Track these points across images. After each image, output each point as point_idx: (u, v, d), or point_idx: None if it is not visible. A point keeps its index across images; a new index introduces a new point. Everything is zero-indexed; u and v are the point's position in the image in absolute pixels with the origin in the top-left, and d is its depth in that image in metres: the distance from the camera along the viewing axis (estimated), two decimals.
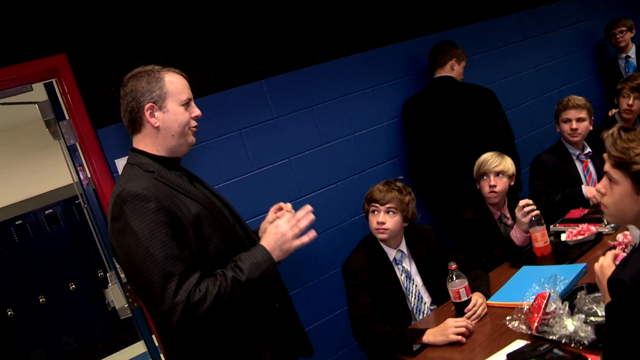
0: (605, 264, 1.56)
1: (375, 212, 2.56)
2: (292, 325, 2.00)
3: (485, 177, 2.99)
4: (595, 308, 1.89)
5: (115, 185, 1.75)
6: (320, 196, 3.32)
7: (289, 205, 2.08)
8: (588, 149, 3.36)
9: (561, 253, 2.68)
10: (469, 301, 2.25)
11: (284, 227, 1.80)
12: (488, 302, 2.35)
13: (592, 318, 1.85)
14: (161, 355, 2.83)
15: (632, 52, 4.70)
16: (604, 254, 1.61)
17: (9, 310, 5.89)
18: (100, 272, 6.29)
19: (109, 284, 3.20)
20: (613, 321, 1.41)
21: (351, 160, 3.46)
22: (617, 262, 1.49)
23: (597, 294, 2.00)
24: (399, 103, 3.69)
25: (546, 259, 2.67)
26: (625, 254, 1.59)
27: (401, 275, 2.56)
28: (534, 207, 2.69)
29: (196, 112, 1.84)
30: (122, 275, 2.87)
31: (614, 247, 2.43)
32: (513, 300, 2.23)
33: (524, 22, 4.49)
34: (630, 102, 3.65)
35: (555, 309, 1.90)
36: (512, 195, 3.13)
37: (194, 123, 1.83)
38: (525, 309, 1.99)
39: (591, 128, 3.31)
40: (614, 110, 3.96)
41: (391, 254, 2.59)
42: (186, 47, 3.02)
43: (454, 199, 3.37)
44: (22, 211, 6.28)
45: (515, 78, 4.31)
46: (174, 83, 1.78)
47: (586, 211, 3.00)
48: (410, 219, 2.61)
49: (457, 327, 2.10)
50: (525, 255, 2.76)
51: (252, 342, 1.78)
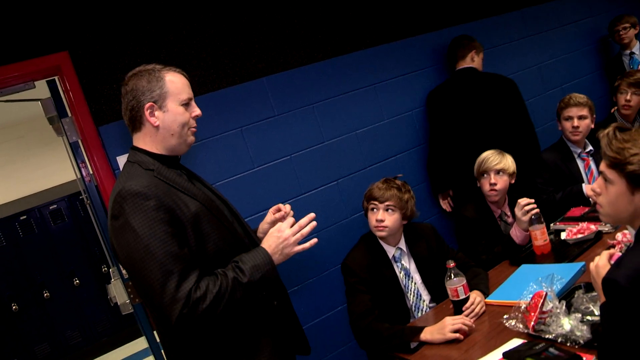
0: (601, 264, 1.57)
1: (375, 209, 2.57)
2: (290, 323, 2.01)
3: (485, 175, 2.99)
4: (592, 307, 1.89)
5: (116, 183, 1.77)
6: (321, 194, 3.33)
7: (288, 207, 2.10)
8: (590, 147, 3.36)
9: (561, 251, 2.68)
10: (467, 299, 2.27)
11: (287, 232, 1.81)
12: (486, 300, 2.36)
13: (588, 317, 1.86)
14: (162, 351, 2.85)
15: (636, 49, 4.69)
16: (599, 254, 1.62)
17: (14, 305, 5.94)
18: (104, 267, 6.32)
19: (112, 280, 3.22)
20: (607, 321, 1.42)
21: (352, 157, 3.46)
22: (613, 262, 1.50)
23: (594, 293, 1.99)
24: (400, 101, 3.69)
25: (546, 257, 2.68)
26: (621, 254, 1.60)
27: (400, 272, 2.57)
28: (534, 205, 2.70)
29: (196, 111, 1.84)
30: (124, 272, 2.90)
31: (613, 246, 2.43)
32: (511, 299, 2.24)
33: (527, 19, 4.48)
34: (628, 97, 3.66)
35: (552, 308, 1.91)
36: (513, 193, 3.14)
37: (193, 123, 1.84)
38: (523, 307, 2.00)
39: (593, 126, 3.31)
40: (616, 108, 3.96)
41: (390, 251, 2.60)
42: (188, 44, 3.03)
43: (472, 189, 3.34)
44: (27, 206, 6.32)
45: (517, 75, 4.28)
46: (175, 83, 1.79)
47: (586, 210, 3.00)
48: (409, 217, 2.61)
49: (454, 324, 2.11)
50: (525, 254, 2.77)
51: (250, 339, 1.79)
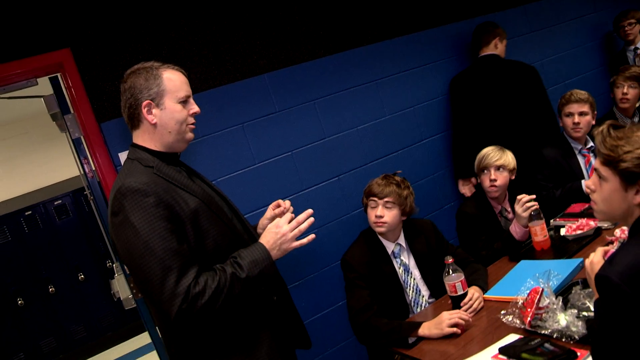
0: (595, 260, 1.58)
1: (374, 205, 2.59)
2: (290, 318, 2.03)
3: (485, 171, 3.00)
4: (588, 303, 1.90)
5: (116, 180, 1.78)
6: (322, 189, 3.35)
7: (287, 203, 2.11)
8: (591, 143, 3.35)
9: (560, 247, 2.69)
10: (465, 295, 2.28)
11: (285, 228, 1.82)
12: (485, 296, 2.37)
13: (584, 313, 1.87)
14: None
15: None
16: (594, 251, 1.63)
17: (19, 300, 5.97)
18: (108, 263, 6.35)
19: (115, 275, 3.25)
20: (600, 317, 1.43)
21: (353, 154, 3.47)
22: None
23: (591, 289, 2.01)
24: (401, 97, 3.70)
25: (545, 253, 2.69)
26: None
27: (399, 268, 2.59)
28: (534, 202, 2.70)
29: (194, 109, 1.85)
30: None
31: (612, 242, 2.44)
32: (509, 295, 2.25)
33: (530, 15, 4.47)
34: (625, 90, 3.71)
35: (549, 303, 1.92)
36: (515, 189, 3.14)
37: (191, 120, 1.84)
38: (520, 303, 2.01)
39: (594, 122, 3.31)
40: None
41: (390, 247, 2.61)
42: (189, 41, 3.05)
43: None
44: (32, 202, 6.35)
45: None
46: (172, 80, 1.80)
47: (587, 206, 3.00)
48: (408, 213, 2.63)
49: (451, 319, 2.13)
50: (525, 250, 2.78)
51: (249, 334, 1.81)
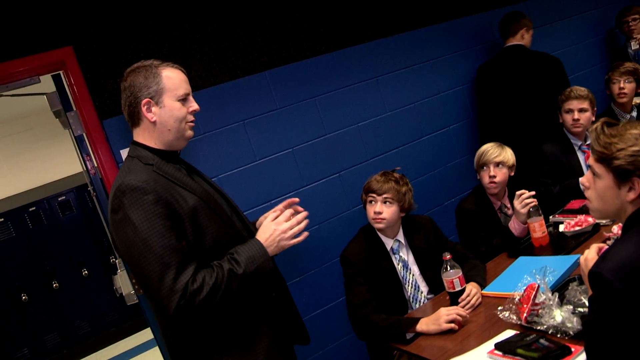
0: (590, 257, 1.60)
1: (373, 202, 2.61)
2: (289, 314, 2.06)
3: (485, 167, 3.02)
4: (583, 299, 1.92)
5: (116, 177, 1.80)
6: (322, 186, 3.37)
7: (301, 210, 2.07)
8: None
9: (559, 244, 2.72)
10: (463, 291, 2.30)
11: (285, 225, 1.86)
12: (483, 292, 2.39)
13: (580, 309, 1.89)
14: None
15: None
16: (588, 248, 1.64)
17: (24, 295, 6.01)
18: (112, 258, 6.37)
19: (118, 271, 3.28)
20: (593, 313, 1.45)
21: (354, 150, 3.49)
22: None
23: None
24: (402, 93, 3.71)
25: (544, 249, 2.71)
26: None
27: (398, 264, 2.61)
28: (533, 198, 2.72)
29: (194, 106, 1.87)
30: None
31: (609, 239, 2.45)
32: (506, 291, 2.27)
33: (531, 11, 4.46)
34: (622, 85, 3.73)
35: (545, 299, 1.94)
36: (513, 185, 3.16)
37: (191, 118, 1.86)
38: (517, 299, 2.03)
39: (593, 119, 3.31)
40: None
41: (388, 243, 2.63)
42: (190, 39, 3.06)
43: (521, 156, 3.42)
44: (36, 198, 6.38)
45: None
46: (171, 78, 1.81)
47: (585, 202, 3.01)
48: (407, 209, 2.64)
49: (448, 315, 2.15)
50: (524, 246, 2.79)
51: (248, 330, 1.83)
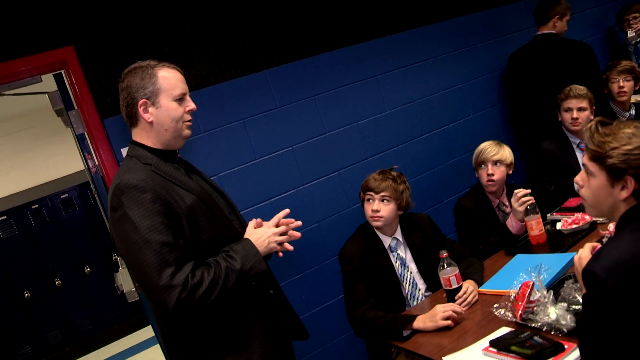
0: (584, 256, 1.61)
1: (370, 200, 2.63)
2: (284, 310, 2.08)
3: (483, 165, 3.03)
4: (578, 297, 1.93)
5: (115, 176, 1.83)
6: (322, 184, 3.38)
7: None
8: None
9: (556, 241, 2.73)
10: (459, 288, 2.32)
11: (276, 229, 1.93)
12: (480, 289, 2.40)
13: (574, 306, 1.90)
14: None
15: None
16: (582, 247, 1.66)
17: (26, 293, 6.05)
18: (114, 256, 6.41)
19: (120, 268, 3.31)
20: (586, 311, 1.47)
21: (353, 148, 3.51)
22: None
23: None
24: (401, 92, 3.73)
25: (541, 247, 2.72)
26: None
27: (396, 262, 2.63)
28: (530, 197, 2.74)
29: (190, 106, 1.89)
30: None
31: (604, 237, 2.46)
32: (502, 288, 2.28)
33: (531, 10, 4.47)
34: (621, 84, 3.77)
35: (540, 297, 1.95)
36: (511, 183, 3.18)
37: (187, 117, 1.88)
38: (512, 297, 2.05)
39: (592, 117, 3.33)
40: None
41: (386, 241, 2.65)
42: (191, 38, 3.08)
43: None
44: (39, 195, 6.41)
45: None
46: (167, 79, 1.84)
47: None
48: (404, 207, 2.66)
49: (444, 312, 2.17)
50: (521, 243, 2.81)
51: (244, 327, 1.86)
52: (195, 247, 1.77)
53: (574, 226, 2.72)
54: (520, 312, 1.95)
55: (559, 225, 2.82)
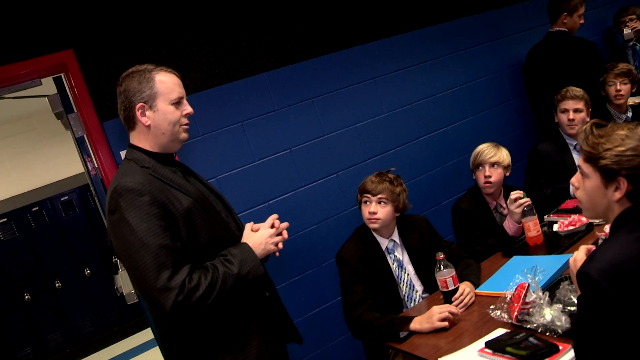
0: (578, 258, 1.62)
1: (368, 202, 2.64)
2: (279, 314, 2.10)
3: (480, 167, 3.04)
4: (573, 298, 1.94)
5: (113, 179, 1.84)
6: (320, 186, 3.40)
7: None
8: None
9: (553, 243, 2.74)
10: (456, 290, 2.33)
11: (271, 230, 1.95)
12: (476, 291, 2.42)
13: (569, 308, 1.91)
14: None
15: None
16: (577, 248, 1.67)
17: (26, 295, 6.06)
18: (114, 258, 6.42)
19: (119, 270, 3.32)
20: (581, 313, 1.48)
21: (351, 151, 3.52)
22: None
23: None
24: (400, 94, 3.74)
25: (538, 248, 2.74)
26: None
27: (393, 264, 2.64)
28: (527, 198, 2.75)
29: (187, 109, 1.90)
30: None
31: (600, 239, 2.48)
32: (499, 290, 2.29)
33: (530, 12, 4.49)
34: (618, 87, 3.77)
35: (535, 298, 1.97)
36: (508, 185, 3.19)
37: (184, 121, 1.90)
38: (508, 298, 2.06)
39: (588, 119, 3.34)
40: None
41: (384, 243, 2.66)
42: (189, 41, 3.10)
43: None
44: (39, 198, 6.42)
45: (519, 68, 4.32)
46: (165, 82, 1.85)
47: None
48: (401, 209, 2.67)
49: (441, 313, 2.18)
50: (518, 245, 2.82)
51: (240, 329, 1.87)
52: (192, 250, 1.78)
53: (571, 228, 2.74)
54: (515, 313, 1.96)
55: (555, 227, 2.83)
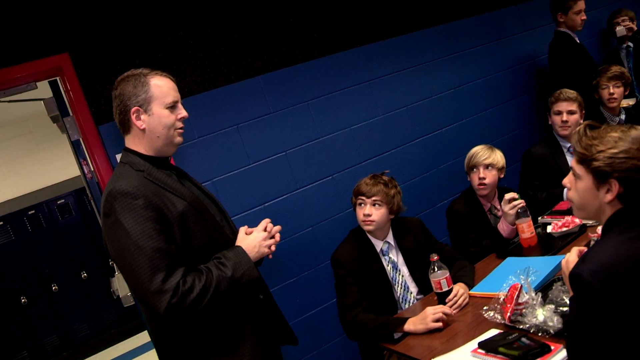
0: (570, 259, 1.64)
1: (362, 204, 2.65)
2: (274, 315, 2.11)
3: (475, 169, 3.06)
4: (565, 299, 1.96)
5: (107, 183, 1.86)
6: (316, 188, 3.41)
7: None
8: None
9: (547, 244, 2.76)
10: (450, 291, 2.34)
11: (265, 233, 1.98)
12: (470, 292, 2.43)
13: (561, 308, 1.93)
14: None
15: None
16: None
17: (23, 298, 6.06)
18: (110, 261, 6.41)
19: (116, 273, 3.33)
20: (573, 313, 1.49)
21: (347, 153, 3.53)
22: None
23: None
24: (395, 96, 3.76)
25: (532, 250, 2.75)
26: None
27: (388, 265, 2.65)
28: (521, 200, 2.76)
29: (182, 113, 1.92)
30: None
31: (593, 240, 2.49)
32: (492, 291, 2.31)
33: (524, 14, 4.51)
34: (611, 90, 3.77)
35: (528, 299, 1.98)
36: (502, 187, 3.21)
37: (179, 124, 1.91)
38: (501, 299, 2.07)
39: (582, 121, 3.36)
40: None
41: (378, 245, 2.68)
42: (185, 45, 3.11)
43: None
44: (35, 201, 6.42)
45: (513, 70, 4.34)
46: (160, 87, 1.87)
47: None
48: (396, 212, 2.69)
49: (435, 314, 2.20)
50: (512, 246, 2.84)
51: (234, 331, 1.89)
52: (186, 253, 1.79)
53: (564, 229, 2.75)
54: (508, 314, 1.98)
55: (549, 229, 2.85)
